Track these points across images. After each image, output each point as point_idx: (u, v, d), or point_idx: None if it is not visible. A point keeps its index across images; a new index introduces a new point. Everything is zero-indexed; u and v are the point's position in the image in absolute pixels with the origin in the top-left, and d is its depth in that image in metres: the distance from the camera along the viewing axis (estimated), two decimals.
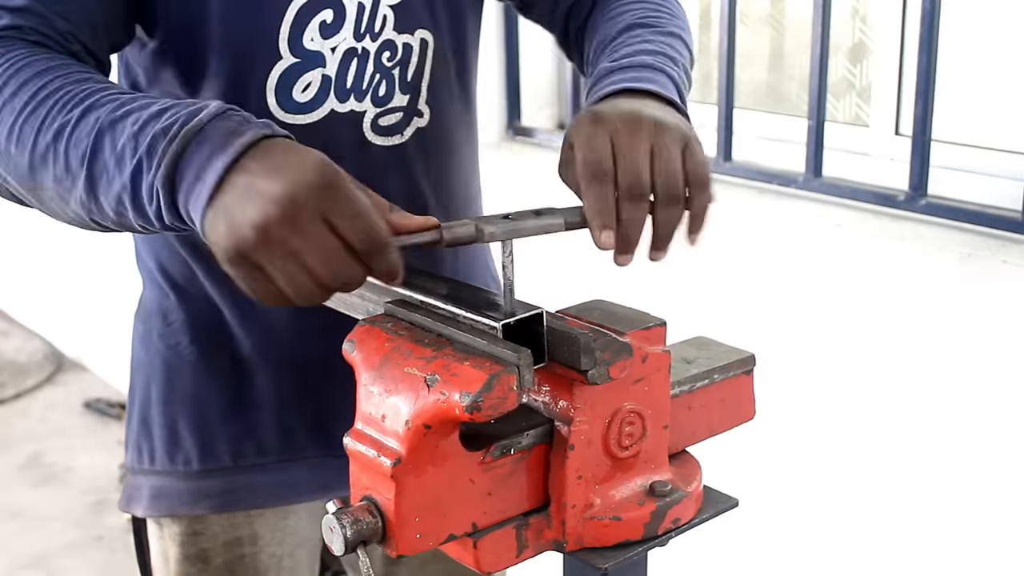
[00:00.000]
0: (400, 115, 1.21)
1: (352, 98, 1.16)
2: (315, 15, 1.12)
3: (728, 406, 1.06)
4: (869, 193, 1.84)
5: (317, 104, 1.15)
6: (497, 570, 0.92)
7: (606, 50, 1.15)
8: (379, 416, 0.87)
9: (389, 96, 1.19)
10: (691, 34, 1.24)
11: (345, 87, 1.16)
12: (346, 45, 1.14)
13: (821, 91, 1.82)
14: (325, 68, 1.14)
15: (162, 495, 1.29)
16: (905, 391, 1.73)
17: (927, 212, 1.76)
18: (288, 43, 1.11)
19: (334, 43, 1.14)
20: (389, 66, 1.18)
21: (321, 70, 1.14)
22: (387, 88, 1.19)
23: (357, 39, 1.15)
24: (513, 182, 2.24)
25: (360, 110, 1.17)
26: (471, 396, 0.82)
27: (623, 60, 1.10)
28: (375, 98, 1.18)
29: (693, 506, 0.97)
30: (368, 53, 1.16)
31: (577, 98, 2.24)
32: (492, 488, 0.90)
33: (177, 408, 1.27)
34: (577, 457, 0.91)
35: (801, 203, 1.90)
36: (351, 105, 1.17)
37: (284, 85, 1.13)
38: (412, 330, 0.93)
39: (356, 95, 1.17)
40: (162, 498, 1.29)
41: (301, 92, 1.14)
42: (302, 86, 1.13)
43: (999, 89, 1.79)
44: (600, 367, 0.87)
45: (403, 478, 0.85)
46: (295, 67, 1.12)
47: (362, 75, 1.16)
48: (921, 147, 1.73)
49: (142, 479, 1.30)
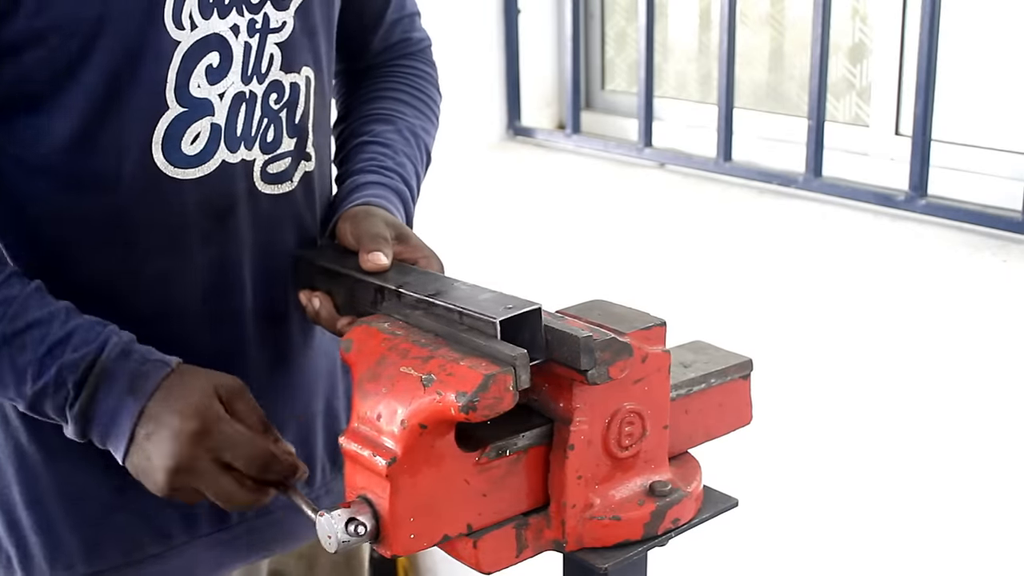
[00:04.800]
0: (288, 161, 1.16)
1: (242, 146, 1.11)
2: (201, 59, 1.06)
3: (725, 411, 1.06)
4: (869, 193, 1.83)
5: (207, 156, 1.09)
6: (497, 570, 0.92)
7: (358, 151, 1.28)
8: (375, 416, 0.87)
9: (277, 142, 1.14)
10: (436, 128, 1.38)
11: (235, 135, 1.10)
12: (234, 90, 1.09)
13: (821, 91, 1.82)
14: (214, 116, 1.08)
15: None
16: (905, 392, 1.72)
17: (927, 212, 1.76)
18: (175, 91, 1.05)
19: (222, 88, 1.08)
20: (276, 109, 1.13)
21: (210, 118, 1.08)
22: (275, 133, 1.14)
23: (245, 82, 1.09)
24: (513, 182, 2.24)
25: (250, 159, 1.12)
26: (467, 396, 0.82)
27: (370, 178, 1.24)
28: (263, 144, 1.13)
29: (693, 506, 0.97)
30: (256, 96, 1.11)
31: (577, 98, 2.24)
32: (487, 489, 0.90)
33: (51, 506, 1.15)
34: (577, 457, 0.91)
35: (801, 203, 1.90)
36: (242, 154, 1.11)
37: (172, 137, 1.06)
38: (409, 329, 0.92)
39: (246, 143, 1.11)
40: None
41: (190, 144, 1.07)
42: (191, 137, 1.07)
43: (999, 89, 1.79)
44: (600, 367, 0.87)
45: (398, 478, 0.85)
46: (183, 117, 1.06)
47: (251, 121, 1.11)
48: (921, 147, 1.73)
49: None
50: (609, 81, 2.33)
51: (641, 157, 2.13)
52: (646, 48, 2.04)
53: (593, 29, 2.30)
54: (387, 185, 1.22)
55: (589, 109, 2.32)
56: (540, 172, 2.23)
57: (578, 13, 2.21)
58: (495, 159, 2.30)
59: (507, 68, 2.30)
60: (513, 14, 2.26)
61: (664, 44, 2.21)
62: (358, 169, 1.24)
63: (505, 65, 2.30)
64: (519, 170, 2.25)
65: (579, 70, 2.24)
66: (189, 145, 1.07)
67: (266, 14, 1.09)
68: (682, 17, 2.21)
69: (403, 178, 1.25)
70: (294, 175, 1.17)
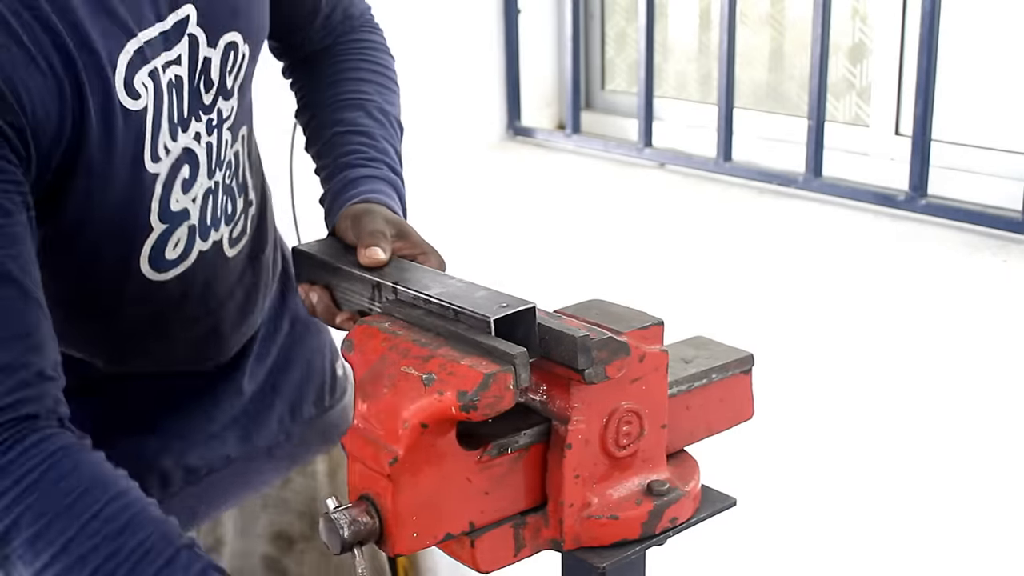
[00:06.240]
0: (243, 219, 1.22)
1: (212, 231, 1.17)
2: (176, 177, 1.09)
3: (727, 406, 1.06)
4: (869, 193, 1.84)
5: (187, 254, 1.14)
6: (495, 569, 0.92)
7: (336, 144, 1.28)
8: (376, 415, 0.87)
9: (234, 210, 1.20)
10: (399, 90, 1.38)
11: (207, 225, 1.16)
12: (203, 188, 1.13)
13: (821, 91, 1.82)
14: (190, 219, 1.13)
15: None
16: (905, 391, 1.73)
17: (927, 212, 1.76)
18: (158, 215, 1.09)
19: (195, 193, 1.12)
20: (229, 182, 1.18)
21: (187, 223, 1.13)
22: (231, 203, 1.19)
23: (210, 176, 1.14)
24: (513, 182, 2.24)
25: (219, 238, 1.18)
26: (467, 395, 0.82)
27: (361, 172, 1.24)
28: (227, 219, 1.19)
29: (691, 505, 0.97)
30: (219, 184, 1.16)
31: (577, 98, 2.24)
32: (489, 487, 0.90)
33: None
34: (575, 456, 0.91)
35: (801, 203, 1.90)
36: (212, 238, 1.17)
37: (157, 250, 1.11)
38: (409, 329, 0.93)
39: (215, 227, 1.17)
40: None
41: (172, 250, 1.13)
42: (172, 244, 1.12)
43: (999, 89, 1.79)
44: (597, 366, 0.87)
45: (400, 477, 0.85)
46: (164, 232, 1.11)
47: (217, 206, 1.16)
48: (921, 147, 1.73)
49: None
50: (609, 81, 2.33)
51: (641, 157, 2.14)
52: (646, 48, 2.04)
53: (593, 29, 2.30)
54: (379, 177, 1.23)
55: (589, 109, 2.33)
56: (540, 172, 2.23)
57: (578, 13, 2.21)
58: (495, 159, 2.30)
59: (507, 68, 2.30)
60: (513, 14, 2.26)
61: (664, 44, 2.22)
62: (344, 163, 1.25)
63: (505, 65, 2.30)
64: (519, 170, 2.25)
65: (579, 70, 2.25)
66: (171, 251, 1.13)
67: (219, 109, 1.13)
68: (682, 17, 2.21)
69: (389, 165, 1.26)
70: (248, 225, 1.24)
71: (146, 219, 1.08)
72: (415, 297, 0.97)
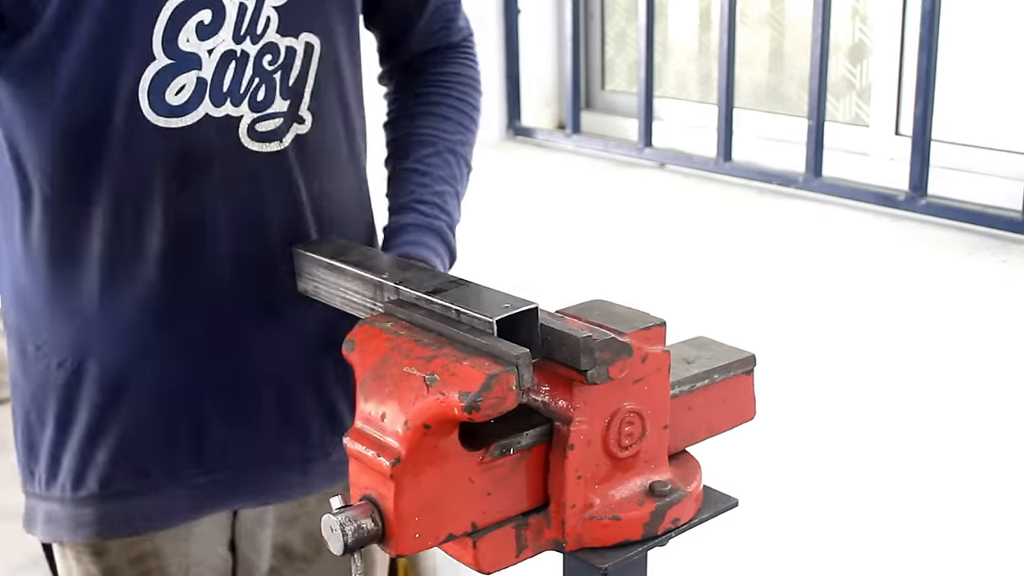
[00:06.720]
0: (280, 121, 1.18)
1: (228, 102, 1.14)
2: (192, 15, 1.08)
3: (728, 406, 1.06)
4: (869, 193, 1.83)
5: (191, 108, 1.12)
6: (497, 570, 0.92)
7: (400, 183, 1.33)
8: (378, 416, 0.87)
9: (268, 101, 1.16)
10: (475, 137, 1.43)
11: (221, 91, 1.13)
12: (224, 47, 1.11)
13: (821, 91, 1.82)
14: (200, 71, 1.11)
15: (51, 520, 1.25)
16: (906, 391, 1.73)
17: (927, 212, 1.76)
18: (162, 44, 1.08)
19: (211, 45, 1.10)
20: (270, 70, 1.15)
21: (196, 72, 1.11)
22: (266, 93, 1.16)
23: (236, 41, 1.12)
24: (513, 182, 2.24)
25: (236, 115, 1.15)
26: (470, 396, 0.82)
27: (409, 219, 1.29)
28: (253, 103, 1.15)
29: (693, 506, 0.97)
30: (248, 56, 1.13)
31: (577, 98, 2.24)
32: (491, 488, 0.90)
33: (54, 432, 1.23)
34: (577, 457, 0.91)
35: (801, 203, 1.90)
36: (227, 110, 1.14)
37: (157, 87, 1.10)
38: (411, 329, 0.93)
39: (233, 99, 1.14)
40: (51, 523, 1.25)
41: (174, 95, 1.11)
42: (175, 88, 1.11)
43: (999, 89, 1.79)
44: (599, 367, 0.87)
45: (402, 478, 0.85)
46: (169, 68, 1.09)
47: (240, 79, 1.14)
48: (921, 147, 1.73)
49: (35, 501, 1.26)
50: (609, 81, 2.33)
51: (641, 157, 2.14)
52: (646, 48, 2.04)
53: (593, 29, 2.30)
54: (424, 226, 1.28)
55: (589, 109, 2.33)
56: (540, 172, 2.23)
57: (578, 13, 2.21)
58: (495, 159, 2.29)
59: (507, 68, 2.30)
60: (513, 14, 2.26)
61: (664, 44, 2.22)
62: (398, 206, 1.30)
63: (505, 65, 2.30)
64: (519, 170, 2.25)
65: (579, 70, 2.24)
66: (174, 96, 1.11)
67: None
68: (682, 17, 2.21)
69: (440, 207, 1.30)
70: (285, 136, 1.19)
71: (146, 40, 1.07)
72: (417, 298, 0.97)
